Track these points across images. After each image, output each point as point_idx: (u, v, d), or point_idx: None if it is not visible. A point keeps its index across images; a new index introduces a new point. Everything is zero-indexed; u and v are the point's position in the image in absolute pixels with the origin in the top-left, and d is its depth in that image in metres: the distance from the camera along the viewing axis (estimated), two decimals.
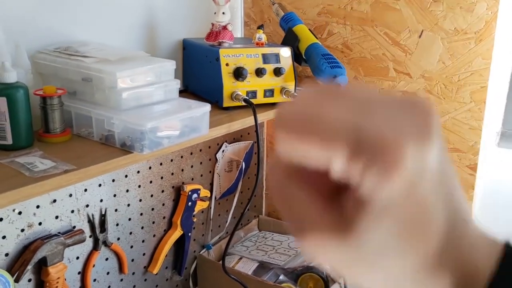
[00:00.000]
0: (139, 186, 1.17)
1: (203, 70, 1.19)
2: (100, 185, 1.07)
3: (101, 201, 1.08)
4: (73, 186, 1.01)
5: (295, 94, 1.18)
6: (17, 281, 0.92)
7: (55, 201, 0.99)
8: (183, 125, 0.93)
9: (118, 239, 1.14)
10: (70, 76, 0.94)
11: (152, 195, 1.20)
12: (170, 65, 0.99)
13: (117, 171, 1.10)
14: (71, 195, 1.02)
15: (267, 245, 1.49)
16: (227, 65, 1.13)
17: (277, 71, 1.17)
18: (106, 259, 1.12)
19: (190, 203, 1.28)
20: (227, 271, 1.23)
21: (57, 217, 1.00)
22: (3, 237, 0.91)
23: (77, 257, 1.06)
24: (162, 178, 1.22)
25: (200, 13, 1.33)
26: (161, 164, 1.21)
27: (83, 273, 1.08)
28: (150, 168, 1.18)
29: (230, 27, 1.17)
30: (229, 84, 1.12)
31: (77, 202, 1.03)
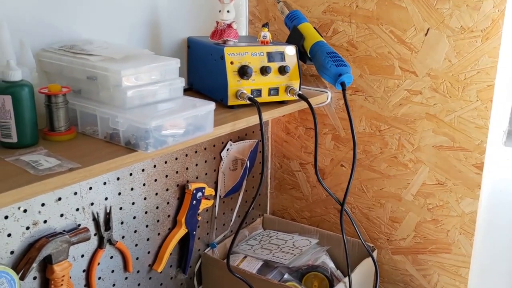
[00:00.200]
0: (144, 184, 1.17)
1: (208, 68, 1.19)
2: (105, 183, 1.07)
3: (106, 199, 1.08)
4: (78, 184, 1.02)
5: (300, 92, 1.18)
6: (22, 279, 0.92)
7: (60, 199, 0.99)
8: (188, 124, 0.93)
9: (123, 237, 1.14)
10: (75, 74, 0.94)
11: (156, 194, 1.20)
12: (174, 63, 0.99)
13: (122, 169, 1.10)
14: (76, 193, 1.02)
15: (271, 244, 1.49)
16: (231, 63, 1.12)
17: (282, 70, 1.17)
18: (111, 257, 1.13)
19: (194, 202, 1.28)
20: (232, 269, 1.23)
21: (62, 215, 1.00)
22: (9, 235, 0.91)
23: (82, 255, 1.06)
24: (166, 176, 1.22)
25: (204, 11, 1.33)
26: (165, 162, 1.21)
27: (88, 271, 1.08)
28: (154, 166, 1.18)
29: (235, 25, 1.17)
30: (234, 82, 1.12)
31: (82, 200, 1.03)
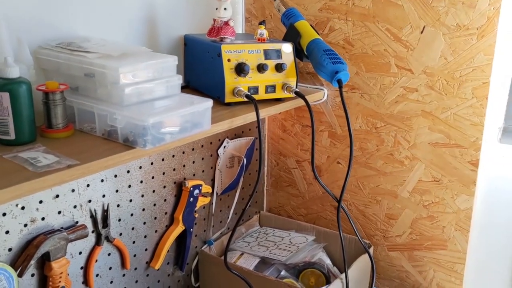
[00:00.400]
0: (141, 181, 1.17)
1: (205, 66, 1.19)
2: (102, 181, 1.07)
3: (104, 196, 1.09)
4: (76, 181, 1.02)
5: (297, 90, 1.18)
6: (20, 276, 0.93)
7: (57, 196, 0.99)
8: (186, 121, 0.93)
9: (120, 234, 1.14)
10: (72, 71, 0.94)
11: (154, 191, 1.21)
12: (172, 60, 0.99)
13: (119, 166, 1.10)
14: (73, 191, 1.02)
15: (268, 241, 1.49)
16: (229, 60, 1.13)
17: (279, 67, 1.17)
18: (108, 254, 1.13)
19: (192, 199, 1.28)
20: (229, 266, 1.23)
21: (59, 212, 1.00)
22: (7, 232, 0.91)
23: (80, 252, 1.06)
24: (164, 173, 1.22)
25: (201, 9, 1.33)
26: (163, 159, 1.21)
27: (85, 268, 1.08)
28: (152, 163, 1.19)
29: (231, 22, 1.17)
30: (231, 79, 1.12)
31: (80, 197, 1.03)
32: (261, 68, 1.15)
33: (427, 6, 1.21)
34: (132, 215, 1.16)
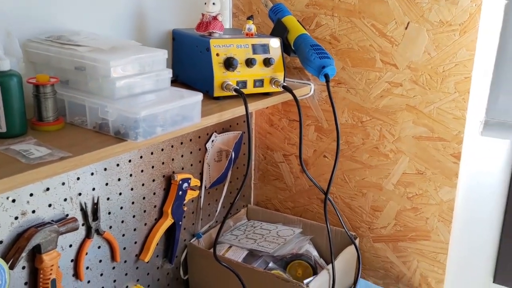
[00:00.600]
0: (131, 175, 1.18)
1: (194, 60, 1.20)
2: (92, 174, 1.08)
3: (94, 189, 1.09)
4: (66, 174, 1.02)
5: (284, 84, 1.20)
6: (11, 268, 0.93)
7: (48, 189, 0.99)
8: (176, 114, 0.95)
9: (110, 227, 1.15)
10: (62, 65, 0.95)
11: (143, 184, 1.22)
12: (162, 54, 1.00)
13: (109, 160, 1.11)
14: (64, 184, 1.02)
15: (256, 234, 1.51)
16: (217, 55, 1.14)
17: (267, 62, 1.19)
18: (98, 247, 1.13)
19: (181, 192, 1.29)
20: (218, 258, 1.25)
21: (50, 205, 1.00)
22: None
23: (70, 245, 1.07)
24: (153, 167, 1.23)
25: (188, 4, 1.34)
26: (152, 153, 1.22)
27: (76, 261, 1.08)
28: (141, 157, 1.19)
29: (220, 17, 1.19)
30: (220, 74, 1.14)
31: (70, 190, 1.04)
32: (250, 62, 1.16)
33: (411, 2, 1.24)
34: (121, 208, 1.17)
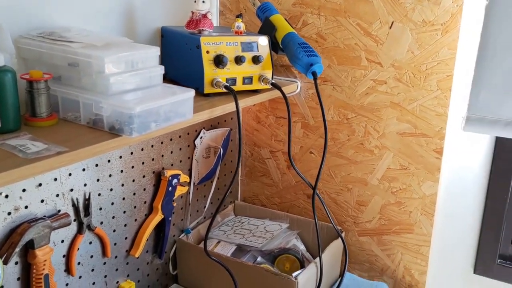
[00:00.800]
0: (121, 171, 1.19)
1: (183, 57, 1.22)
2: (84, 170, 1.09)
3: (85, 185, 1.10)
4: (58, 170, 1.03)
5: (273, 81, 1.23)
6: (5, 263, 0.93)
7: (40, 185, 1.00)
8: (169, 110, 0.96)
9: (101, 223, 1.16)
10: (55, 61, 0.95)
11: (133, 180, 1.23)
12: (154, 51, 1.01)
13: (100, 156, 1.12)
14: (56, 179, 1.03)
15: (243, 229, 1.53)
16: (207, 52, 1.16)
17: (256, 59, 1.21)
18: (90, 243, 1.14)
19: (170, 188, 1.31)
20: (209, 253, 1.26)
21: (42, 201, 1.01)
22: None
23: (62, 241, 1.07)
24: (143, 163, 1.25)
25: (176, 2, 1.35)
26: (142, 149, 1.23)
27: (67, 256, 1.09)
28: (132, 153, 1.20)
29: (209, 15, 1.20)
30: (210, 71, 1.16)
31: (62, 186, 1.04)
32: (239, 60, 1.18)
33: (395, 2, 1.28)
34: (112, 204, 1.18)
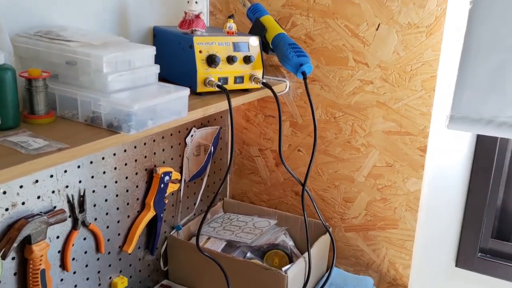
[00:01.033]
0: (115, 168, 1.20)
1: (176, 56, 1.24)
2: (79, 167, 1.10)
3: (80, 182, 1.11)
4: (54, 167, 1.04)
5: (264, 81, 1.26)
6: (3, 258, 0.94)
7: (37, 182, 1.01)
8: (165, 108, 0.99)
9: (95, 219, 1.18)
10: (53, 59, 0.97)
11: (127, 177, 1.24)
12: (151, 50, 1.04)
13: (95, 153, 1.13)
14: (52, 176, 1.04)
15: (233, 226, 1.56)
16: (200, 52, 1.18)
17: (247, 59, 1.24)
18: (84, 239, 1.16)
19: (162, 185, 1.33)
20: (201, 249, 1.29)
21: (39, 197, 1.02)
22: None
23: (57, 237, 1.09)
24: (136, 160, 1.26)
25: (168, 2, 1.38)
26: (135, 147, 1.25)
27: (63, 252, 1.11)
28: (125, 151, 1.22)
29: (202, 16, 1.23)
30: (203, 70, 1.18)
31: (58, 183, 1.06)
32: (231, 59, 1.21)
33: (382, 5, 1.32)
34: (106, 200, 1.20)
